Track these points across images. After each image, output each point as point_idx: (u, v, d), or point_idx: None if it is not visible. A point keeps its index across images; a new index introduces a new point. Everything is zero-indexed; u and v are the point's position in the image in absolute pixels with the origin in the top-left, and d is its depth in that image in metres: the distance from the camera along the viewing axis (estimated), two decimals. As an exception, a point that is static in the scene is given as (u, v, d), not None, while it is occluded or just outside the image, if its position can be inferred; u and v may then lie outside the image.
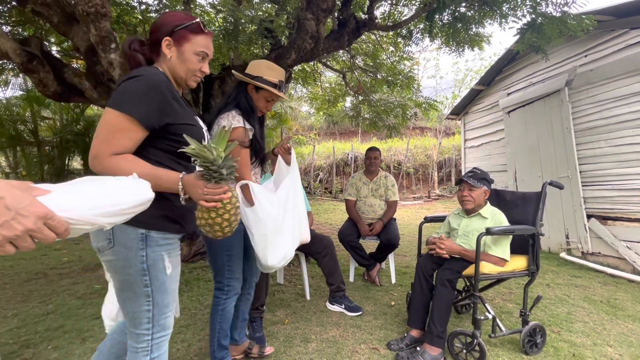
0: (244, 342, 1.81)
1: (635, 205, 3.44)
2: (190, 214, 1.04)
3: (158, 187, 0.90)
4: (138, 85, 0.93)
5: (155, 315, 0.99)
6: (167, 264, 1.00)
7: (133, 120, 0.91)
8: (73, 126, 7.45)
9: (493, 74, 5.63)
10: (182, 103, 1.03)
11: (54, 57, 3.39)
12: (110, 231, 0.94)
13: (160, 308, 1.00)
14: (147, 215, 0.90)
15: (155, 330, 1.00)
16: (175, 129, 0.98)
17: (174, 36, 1.02)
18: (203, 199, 0.89)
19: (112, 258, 0.96)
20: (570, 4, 2.82)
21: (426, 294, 1.97)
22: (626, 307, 2.56)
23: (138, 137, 0.94)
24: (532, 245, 1.94)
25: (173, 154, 1.00)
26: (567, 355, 1.86)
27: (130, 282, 0.96)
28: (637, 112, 3.40)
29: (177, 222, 1.02)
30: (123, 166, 0.89)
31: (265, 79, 1.55)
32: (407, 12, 4.46)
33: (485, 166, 5.61)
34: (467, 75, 16.32)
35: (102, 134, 0.91)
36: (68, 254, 4.15)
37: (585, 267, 3.63)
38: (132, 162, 0.91)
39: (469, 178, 2.04)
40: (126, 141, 0.92)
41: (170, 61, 1.04)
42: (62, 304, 2.54)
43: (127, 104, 0.91)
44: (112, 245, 0.95)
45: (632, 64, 3.42)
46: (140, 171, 0.88)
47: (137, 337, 1.00)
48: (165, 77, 1.00)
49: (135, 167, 0.90)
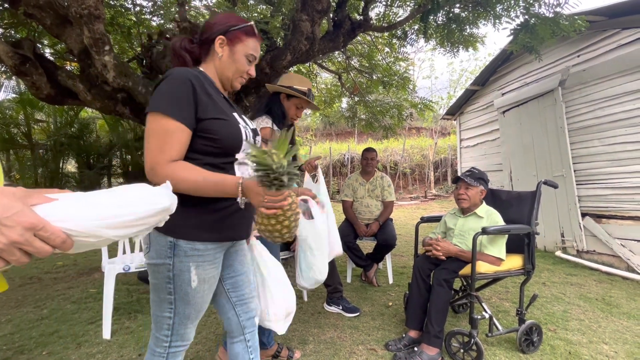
0: (273, 346, 1.80)
1: (629, 203, 3.48)
2: (233, 219, 1.01)
3: (217, 192, 0.90)
4: (168, 84, 0.92)
5: (175, 324, 0.99)
6: (194, 276, 0.96)
7: (173, 119, 0.89)
8: (67, 129, 7.39)
9: (487, 74, 5.67)
10: (214, 99, 0.98)
11: (47, 59, 3.35)
12: (148, 236, 0.96)
13: (181, 318, 0.99)
14: (177, 223, 0.89)
15: (173, 338, 1.00)
16: (206, 124, 0.94)
17: (227, 35, 1.03)
18: (263, 206, 0.87)
19: (148, 261, 0.99)
20: (563, 5, 2.85)
21: (423, 294, 1.97)
22: (621, 304, 2.58)
23: (184, 138, 0.91)
24: (528, 244, 1.95)
25: (211, 155, 0.96)
26: (564, 354, 1.87)
27: (157, 286, 0.97)
28: (630, 112, 3.44)
29: (213, 230, 0.98)
30: (180, 173, 0.87)
31: (295, 88, 1.77)
32: (401, 13, 4.49)
33: (481, 166, 5.65)
34: (462, 75, 16.45)
35: (152, 142, 0.89)
36: (63, 258, 4.11)
37: (581, 265, 3.66)
38: (189, 169, 0.89)
39: (466, 177, 2.05)
40: (175, 145, 0.89)
41: (221, 60, 1.04)
42: (57, 308, 2.51)
43: (163, 103, 0.90)
44: (148, 250, 0.98)
45: (624, 63, 3.46)
46: (199, 178, 0.88)
47: (156, 340, 1.00)
48: (195, 73, 0.97)
49: (194, 173, 0.89)
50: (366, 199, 3.18)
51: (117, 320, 2.28)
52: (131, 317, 2.34)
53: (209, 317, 2.34)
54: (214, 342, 2.00)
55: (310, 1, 3.06)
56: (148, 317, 2.33)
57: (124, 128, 7.58)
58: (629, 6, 3.33)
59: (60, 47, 4.56)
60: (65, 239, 0.48)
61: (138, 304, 2.58)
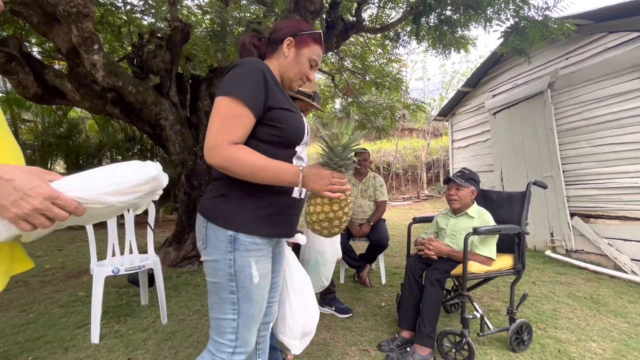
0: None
1: (615, 203, 3.55)
2: (285, 215, 1.00)
3: (275, 178, 0.88)
4: (241, 70, 0.93)
5: (240, 326, 0.94)
6: (255, 271, 0.94)
7: (242, 103, 0.89)
8: (55, 129, 7.25)
9: (479, 76, 5.73)
10: (283, 92, 1.02)
11: (34, 58, 3.29)
12: (204, 232, 0.94)
13: (245, 319, 0.95)
14: (236, 216, 0.91)
15: (238, 343, 0.95)
16: (275, 113, 0.95)
17: (296, 38, 1.06)
18: (330, 189, 0.86)
19: (205, 259, 0.95)
20: (552, 8, 2.90)
21: (416, 294, 1.98)
22: (608, 302, 2.63)
23: (249, 123, 0.91)
24: (518, 244, 1.98)
25: (272, 144, 0.96)
26: (553, 352, 1.90)
27: (218, 286, 0.94)
28: (616, 113, 3.51)
29: (269, 225, 0.96)
30: (242, 156, 0.86)
31: (300, 90, 1.71)
32: (394, 14, 4.52)
33: (473, 166, 5.71)
34: (454, 77, 16.62)
35: (217, 122, 0.88)
36: (50, 260, 4.02)
37: (570, 265, 3.72)
38: (251, 153, 0.88)
39: (457, 177, 2.06)
40: (239, 129, 0.89)
41: (286, 60, 1.06)
42: (44, 312, 2.46)
43: (234, 88, 0.90)
44: (205, 246, 0.94)
45: (611, 66, 3.54)
46: (260, 162, 0.86)
47: (218, 346, 0.95)
48: (266, 65, 0.99)
49: (255, 157, 0.87)
50: (359, 199, 3.18)
51: (106, 324, 2.24)
52: (121, 321, 2.30)
53: (200, 320, 2.31)
54: (205, 345, 1.98)
55: (303, 2, 3.05)
56: (138, 320, 2.30)
57: (114, 128, 7.47)
58: (615, 10, 3.41)
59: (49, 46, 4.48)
60: (78, 205, 0.59)
61: (128, 307, 2.54)
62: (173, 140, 3.65)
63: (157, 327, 2.21)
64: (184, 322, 2.29)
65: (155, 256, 2.35)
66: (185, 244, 3.72)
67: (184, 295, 2.78)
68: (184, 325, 2.24)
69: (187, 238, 3.76)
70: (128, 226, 2.42)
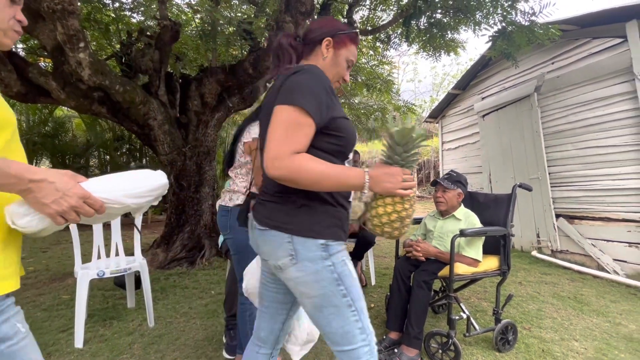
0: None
1: (599, 205, 3.64)
2: (347, 219, 1.01)
3: (340, 183, 0.87)
4: (305, 78, 0.89)
5: (363, 322, 0.93)
6: (351, 268, 0.94)
7: (306, 112, 0.86)
8: (41, 128, 7.08)
9: (468, 79, 5.81)
10: (338, 99, 0.99)
11: (18, 55, 3.21)
12: (292, 246, 0.89)
13: (363, 314, 0.93)
14: (322, 224, 0.90)
15: (369, 338, 0.93)
16: (338, 123, 0.93)
17: (335, 39, 1.03)
18: (402, 186, 0.86)
19: (298, 275, 0.89)
20: (538, 14, 2.96)
21: (404, 296, 1.99)
22: (591, 302, 2.70)
23: (311, 133, 0.87)
24: (504, 245, 2.01)
25: (331, 154, 0.94)
26: (537, 351, 1.93)
27: (327, 295, 0.89)
28: (600, 117, 3.60)
29: (341, 229, 0.96)
30: (306, 165, 0.83)
31: None
32: (385, 17, 4.54)
33: (462, 168, 5.78)
34: (444, 79, 16.84)
35: (279, 132, 0.85)
36: (34, 262, 3.93)
37: (555, 265, 3.80)
38: (315, 160, 0.85)
39: (444, 180, 2.09)
40: (302, 138, 0.86)
41: (325, 61, 1.04)
42: (26, 316, 2.36)
43: (299, 97, 0.86)
44: (296, 262, 0.89)
45: (594, 71, 3.63)
46: (326, 169, 0.85)
47: (355, 352, 0.91)
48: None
49: (320, 164, 0.85)
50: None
51: (90, 327, 2.19)
52: (106, 325, 2.26)
53: (188, 323, 2.29)
54: (192, 348, 1.96)
55: (294, 3, 3.05)
56: (124, 324, 2.26)
57: (102, 127, 7.32)
58: (598, 16, 3.49)
59: (33, 43, 4.37)
60: (102, 204, 0.70)
61: (114, 310, 2.49)
62: (162, 140, 3.60)
63: (143, 330, 2.18)
64: (171, 325, 2.26)
65: (142, 258, 2.32)
66: (174, 246, 3.68)
67: (171, 298, 2.74)
68: (171, 328, 2.21)
69: (176, 240, 3.71)
70: (114, 227, 2.38)
